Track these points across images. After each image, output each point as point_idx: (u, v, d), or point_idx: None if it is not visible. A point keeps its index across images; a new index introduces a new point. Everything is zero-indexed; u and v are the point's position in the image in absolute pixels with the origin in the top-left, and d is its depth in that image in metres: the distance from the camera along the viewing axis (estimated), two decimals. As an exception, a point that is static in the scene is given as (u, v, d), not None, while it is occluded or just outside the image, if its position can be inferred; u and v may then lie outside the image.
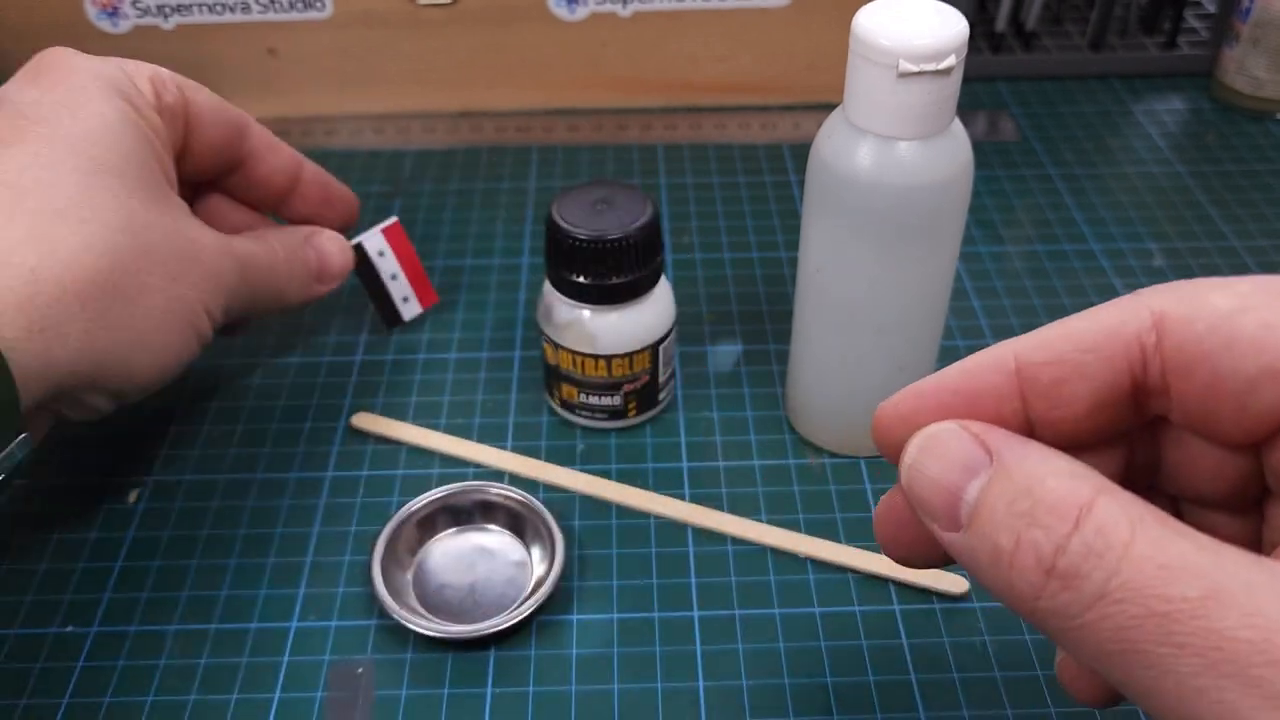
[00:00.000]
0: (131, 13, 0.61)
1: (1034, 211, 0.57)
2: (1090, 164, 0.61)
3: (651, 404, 0.42)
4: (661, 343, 0.40)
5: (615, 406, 0.41)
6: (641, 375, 0.40)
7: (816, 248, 0.37)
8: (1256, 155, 0.61)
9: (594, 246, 0.37)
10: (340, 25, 0.62)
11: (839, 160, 0.34)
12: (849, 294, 0.37)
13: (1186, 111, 0.66)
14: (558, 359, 0.40)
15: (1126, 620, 0.17)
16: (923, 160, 0.33)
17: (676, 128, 0.64)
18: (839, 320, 0.38)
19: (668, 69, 0.64)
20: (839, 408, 0.40)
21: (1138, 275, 0.52)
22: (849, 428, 0.41)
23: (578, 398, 0.41)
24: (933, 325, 0.39)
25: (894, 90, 0.32)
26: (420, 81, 0.64)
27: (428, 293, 0.48)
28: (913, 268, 0.36)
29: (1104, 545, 0.17)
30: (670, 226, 0.56)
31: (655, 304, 0.40)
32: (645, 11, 0.62)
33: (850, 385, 0.39)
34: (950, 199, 0.35)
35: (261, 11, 0.61)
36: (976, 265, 0.53)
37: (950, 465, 0.20)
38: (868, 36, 0.31)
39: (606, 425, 0.42)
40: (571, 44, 0.63)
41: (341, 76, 0.64)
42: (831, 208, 0.35)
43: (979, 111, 0.65)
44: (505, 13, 0.62)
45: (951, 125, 0.34)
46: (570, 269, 0.38)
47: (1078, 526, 0.18)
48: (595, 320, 0.39)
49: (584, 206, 0.39)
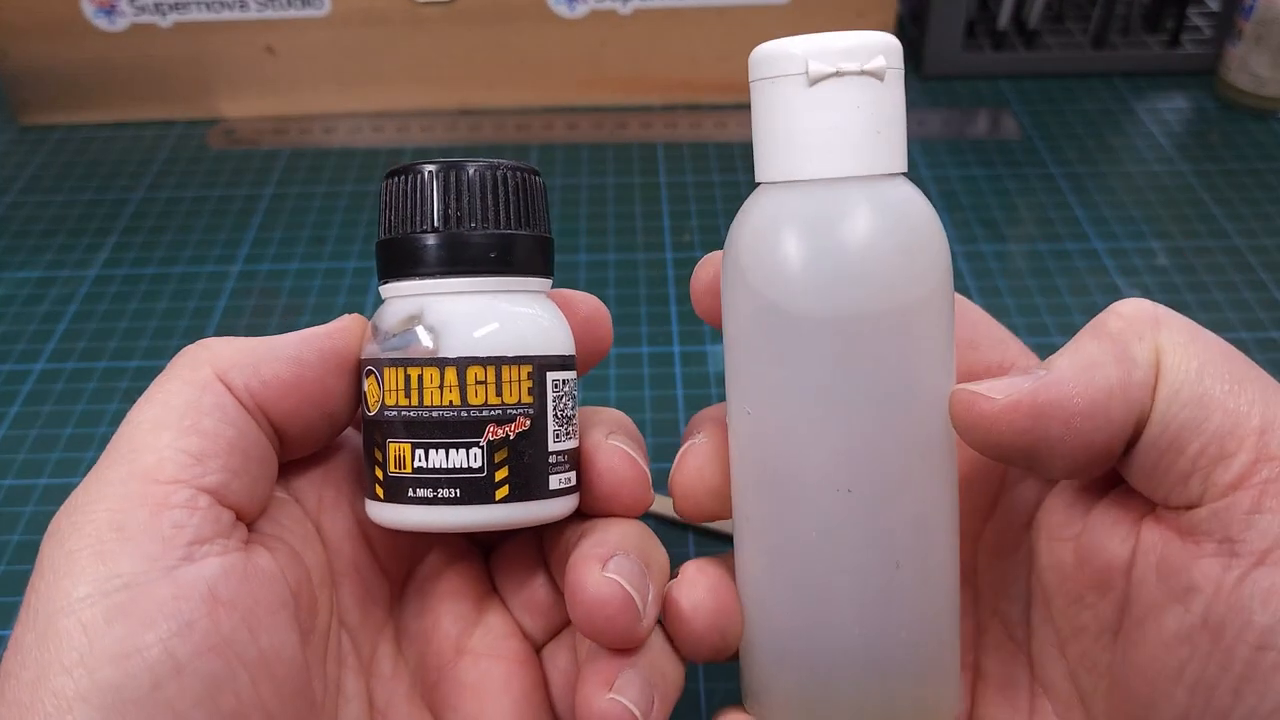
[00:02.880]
0: (129, 10, 0.61)
1: (1036, 210, 0.56)
2: (1093, 162, 0.60)
3: (537, 485, 0.24)
4: (551, 370, 0.24)
5: (473, 472, 0.23)
6: (515, 416, 0.23)
7: (744, 382, 0.23)
8: (1259, 153, 0.61)
9: (443, 177, 0.24)
10: (339, 23, 0.62)
11: (759, 250, 0.22)
12: (794, 447, 0.22)
13: (1189, 109, 0.65)
14: (382, 393, 0.24)
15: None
16: (873, 222, 0.22)
17: (677, 126, 0.64)
18: (786, 488, 0.23)
19: (668, 67, 0.64)
20: (805, 656, 0.23)
21: (1141, 274, 0.52)
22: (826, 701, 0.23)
23: (411, 462, 0.23)
24: (936, 490, 0.23)
25: (808, 105, 0.22)
26: (419, 79, 0.64)
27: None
28: (888, 400, 0.22)
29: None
30: (670, 225, 0.56)
31: (535, 305, 0.25)
32: (645, 10, 0.61)
33: (818, 607, 0.23)
34: (922, 288, 0.22)
35: (260, 9, 0.61)
36: (979, 264, 0.52)
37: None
38: (769, 51, 0.23)
39: (450, 521, 0.23)
40: (571, 42, 0.63)
41: (340, 74, 0.64)
42: (757, 327, 0.23)
43: (981, 109, 0.65)
44: (505, 10, 0.61)
45: (901, 183, 0.23)
46: (410, 223, 0.24)
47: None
48: (438, 308, 0.24)
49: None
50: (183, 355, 0.23)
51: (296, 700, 0.21)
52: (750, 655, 0.24)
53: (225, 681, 0.20)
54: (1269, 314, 0.48)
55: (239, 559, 0.21)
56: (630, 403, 0.45)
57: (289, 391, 0.23)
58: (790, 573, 0.23)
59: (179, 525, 0.20)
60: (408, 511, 0.23)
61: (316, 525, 0.25)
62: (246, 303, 0.51)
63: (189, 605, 0.19)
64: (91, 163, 0.63)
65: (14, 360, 0.48)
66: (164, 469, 0.21)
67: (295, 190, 0.59)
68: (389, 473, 0.24)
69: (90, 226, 0.57)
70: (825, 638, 0.23)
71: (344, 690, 0.24)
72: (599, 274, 0.52)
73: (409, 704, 0.25)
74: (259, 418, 0.23)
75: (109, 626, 0.19)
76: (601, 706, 0.22)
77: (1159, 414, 0.20)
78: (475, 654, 0.25)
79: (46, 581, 0.20)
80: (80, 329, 0.50)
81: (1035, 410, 0.21)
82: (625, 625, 0.22)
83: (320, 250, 0.55)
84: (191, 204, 0.59)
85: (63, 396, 0.46)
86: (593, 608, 0.22)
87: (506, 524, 0.24)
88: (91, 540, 0.20)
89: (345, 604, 0.25)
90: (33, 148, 0.64)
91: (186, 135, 0.65)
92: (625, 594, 0.22)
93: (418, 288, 0.24)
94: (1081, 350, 0.21)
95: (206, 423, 0.22)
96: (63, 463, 0.43)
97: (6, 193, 0.60)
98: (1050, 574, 0.23)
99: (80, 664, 0.18)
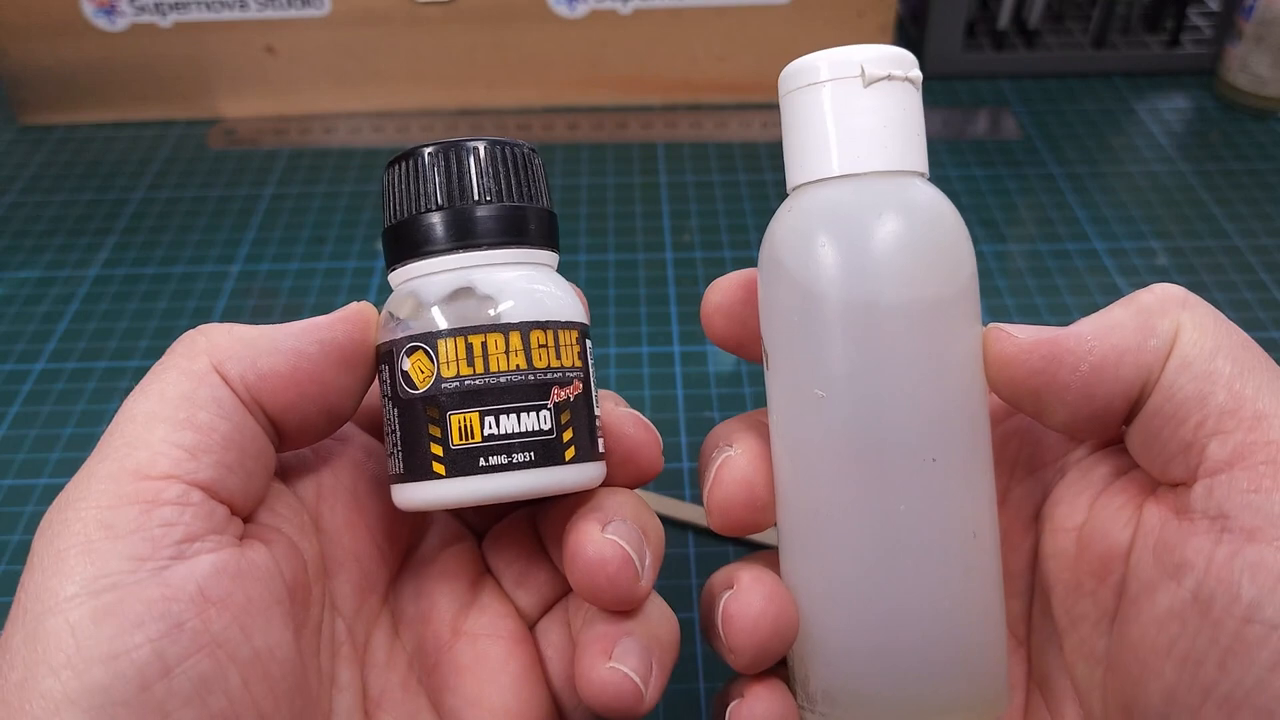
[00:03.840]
0: (129, 10, 0.61)
1: (1037, 210, 0.56)
2: (1093, 162, 0.60)
3: (593, 446, 0.24)
4: (587, 337, 0.25)
5: (545, 434, 0.23)
6: (573, 379, 0.24)
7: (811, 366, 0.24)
8: (1260, 153, 0.61)
9: (448, 156, 0.24)
10: (339, 23, 0.62)
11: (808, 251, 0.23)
12: (876, 412, 0.23)
13: (1189, 109, 0.65)
14: (436, 367, 0.23)
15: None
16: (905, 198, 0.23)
17: (677, 126, 0.64)
18: (868, 460, 0.23)
19: (668, 67, 0.64)
20: (888, 643, 0.23)
21: (1141, 274, 0.51)
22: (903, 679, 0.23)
23: (480, 431, 0.23)
24: (987, 461, 0.24)
25: (863, 104, 0.23)
26: (419, 79, 0.64)
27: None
28: (954, 343, 0.24)
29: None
30: (670, 225, 0.56)
31: (558, 277, 0.26)
32: (645, 10, 0.61)
33: (905, 588, 0.23)
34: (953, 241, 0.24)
35: (260, 9, 0.61)
36: (979, 264, 0.52)
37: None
38: (818, 59, 0.24)
39: (526, 485, 0.23)
40: (571, 42, 0.63)
41: (340, 74, 0.64)
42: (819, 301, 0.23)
43: (981, 109, 0.65)
44: (505, 10, 0.61)
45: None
46: (450, 197, 0.24)
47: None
48: (492, 278, 0.24)
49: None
50: (181, 343, 0.23)
51: (291, 696, 0.21)
52: (817, 656, 0.24)
53: (216, 682, 0.19)
54: (1269, 314, 0.48)
55: (232, 555, 0.21)
56: (630, 403, 0.45)
57: (286, 385, 0.23)
58: (874, 558, 0.23)
59: (170, 523, 0.20)
60: (481, 482, 0.23)
61: (315, 516, 0.25)
62: (246, 303, 0.51)
63: (178, 605, 0.19)
64: (91, 163, 0.63)
65: (14, 360, 0.48)
66: (156, 464, 0.20)
67: (295, 190, 0.59)
68: (453, 446, 0.23)
69: (90, 226, 0.57)
70: (912, 618, 0.23)
71: (337, 680, 0.24)
72: (599, 274, 0.52)
73: (403, 691, 0.25)
74: (255, 411, 0.22)
75: (97, 627, 0.18)
76: (602, 676, 0.22)
77: (1166, 382, 0.21)
78: (472, 635, 0.25)
79: (35, 580, 0.19)
80: (80, 329, 0.50)
81: (1051, 354, 0.22)
82: (625, 584, 0.22)
83: (320, 250, 0.55)
84: (191, 204, 0.59)
85: (63, 396, 0.46)
86: (593, 566, 0.22)
87: (573, 485, 0.24)
88: (80, 539, 0.19)
89: (341, 593, 0.25)
90: (33, 148, 0.64)
91: (186, 135, 0.65)
92: (625, 553, 0.22)
93: (455, 262, 0.24)
94: (1109, 313, 0.22)
95: (201, 416, 0.21)
96: (63, 463, 0.43)
97: (6, 193, 0.60)
98: (1052, 563, 0.24)
99: (68, 665, 0.18)
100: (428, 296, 0.24)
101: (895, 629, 0.23)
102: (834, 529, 0.23)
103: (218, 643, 0.20)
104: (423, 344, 0.23)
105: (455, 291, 0.24)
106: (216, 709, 0.19)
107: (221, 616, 0.20)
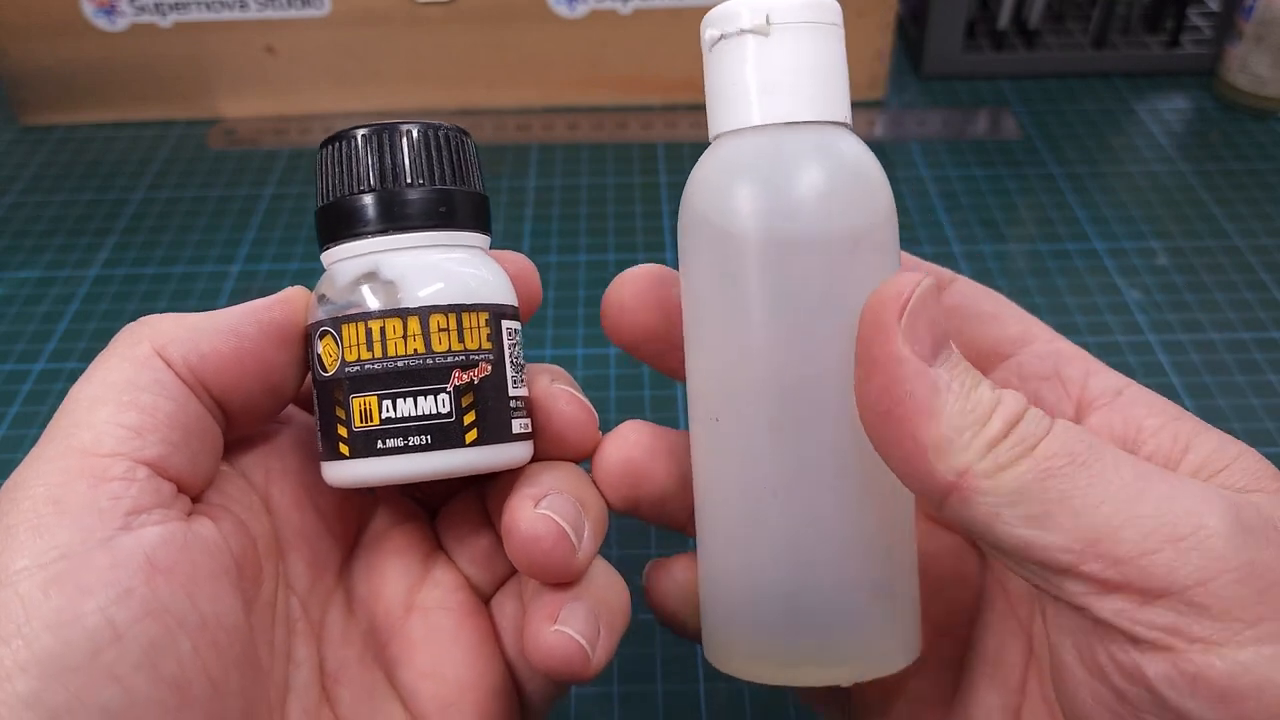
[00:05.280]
0: (129, 10, 0.61)
1: (1037, 210, 0.56)
2: (1093, 162, 0.60)
3: (502, 429, 0.24)
4: (505, 318, 0.25)
5: (443, 418, 0.23)
6: (478, 361, 0.24)
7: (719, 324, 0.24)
8: (1260, 153, 0.61)
9: (380, 139, 0.24)
10: (338, 23, 0.62)
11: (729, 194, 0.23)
12: (797, 351, 0.23)
13: (1189, 110, 0.65)
14: (341, 350, 0.24)
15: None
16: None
17: (677, 126, 0.64)
18: (786, 399, 0.23)
19: (668, 67, 0.64)
20: (749, 589, 0.24)
21: (1141, 274, 0.51)
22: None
23: (379, 414, 0.23)
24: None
25: (780, 52, 0.23)
26: (419, 79, 0.64)
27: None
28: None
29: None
30: (670, 225, 0.55)
31: (480, 259, 0.25)
32: (645, 10, 0.61)
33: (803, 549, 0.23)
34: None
35: (260, 9, 0.61)
36: (979, 264, 0.52)
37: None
38: (727, 9, 0.23)
39: (423, 468, 0.23)
40: (571, 42, 0.63)
41: (340, 74, 0.64)
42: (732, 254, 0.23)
43: (981, 109, 0.65)
44: (505, 10, 0.61)
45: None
46: (353, 184, 0.24)
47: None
48: (393, 262, 0.24)
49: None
50: (123, 333, 0.23)
51: (241, 665, 0.21)
52: (718, 601, 0.24)
53: (166, 647, 0.20)
54: (1269, 314, 0.48)
55: (179, 528, 0.21)
56: (630, 402, 0.45)
57: (228, 365, 0.23)
58: (781, 501, 0.23)
59: (116, 496, 0.20)
60: (378, 464, 0.23)
61: (264, 497, 0.25)
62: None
63: (126, 573, 0.19)
64: (91, 163, 0.63)
65: (14, 360, 0.48)
66: (102, 443, 0.21)
67: (295, 190, 0.59)
68: (354, 429, 0.23)
69: (90, 226, 0.57)
70: (815, 562, 0.23)
71: (294, 656, 0.24)
72: (599, 274, 0.52)
73: (360, 666, 0.25)
74: (199, 391, 0.23)
75: (46, 597, 0.19)
76: (548, 639, 0.23)
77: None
78: (424, 609, 0.26)
79: None
80: (80, 329, 0.50)
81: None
82: (560, 559, 0.23)
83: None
84: (191, 204, 0.59)
85: (62, 397, 0.46)
86: (527, 542, 0.23)
87: (476, 468, 0.24)
88: (30, 515, 0.20)
89: (295, 571, 0.25)
90: (33, 148, 0.64)
91: (186, 135, 0.65)
92: (558, 528, 0.23)
93: (367, 246, 0.24)
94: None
95: (144, 398, 0.22)
96: (62, 463, 0.43)
97: (6, 193, 0.60)
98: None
99: (18, 634, 0.18)
100: (339, 280, 0.24)
101: (794, 570, 0.23)
102: (747, 471, 0.23)
103: (166, 609, 0.20)
104: (330, 328, 0.24)
105: (360, 276, 0.24)
106: (167, 673, 0.19)
107: (169, 584, 0.20)
